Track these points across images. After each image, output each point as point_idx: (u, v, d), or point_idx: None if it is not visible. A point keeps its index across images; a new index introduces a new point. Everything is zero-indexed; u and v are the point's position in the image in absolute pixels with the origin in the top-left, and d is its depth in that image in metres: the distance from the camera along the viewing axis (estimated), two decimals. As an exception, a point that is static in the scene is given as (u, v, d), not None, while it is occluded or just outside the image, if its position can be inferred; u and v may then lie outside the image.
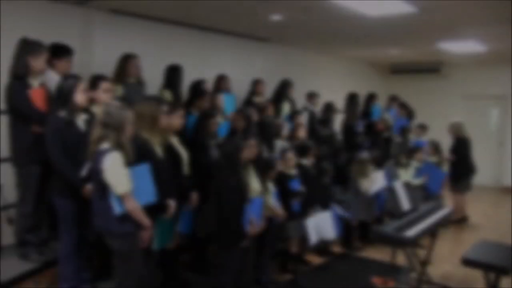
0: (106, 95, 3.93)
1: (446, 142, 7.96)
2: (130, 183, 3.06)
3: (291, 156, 5.02)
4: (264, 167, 4.48)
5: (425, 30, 6.92)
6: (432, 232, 4.80)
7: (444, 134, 8.14)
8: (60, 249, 3.61)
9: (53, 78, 4.06)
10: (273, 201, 4.59)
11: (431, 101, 11.50)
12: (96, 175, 3.07)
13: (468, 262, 3.97)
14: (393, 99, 8.66)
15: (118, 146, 3.03)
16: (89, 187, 3.36)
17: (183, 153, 4.18)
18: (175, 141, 4.12)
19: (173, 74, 5.61)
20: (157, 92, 5.53)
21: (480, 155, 9.42)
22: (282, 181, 4.84)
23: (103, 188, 3.05)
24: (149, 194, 3.27)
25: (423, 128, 8.09)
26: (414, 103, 8.90)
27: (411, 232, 4.14)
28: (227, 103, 5.87)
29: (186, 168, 4.21)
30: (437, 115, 10.48)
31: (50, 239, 4.04)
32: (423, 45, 8.50)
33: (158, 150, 3.60)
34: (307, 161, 5.55)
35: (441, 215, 4.81)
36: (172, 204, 3.66)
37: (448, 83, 11.55)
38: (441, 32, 7.07)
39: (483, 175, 10.07)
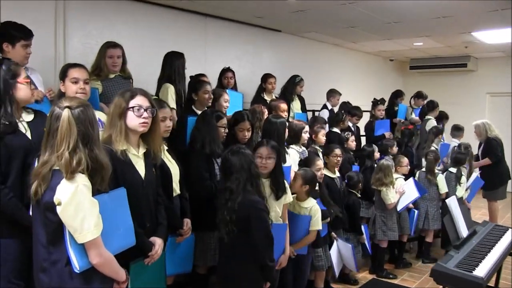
0: (75, 86, 2.98)
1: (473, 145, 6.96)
2: (101, 223, 2.02)
3: (320, 165, 4.01)
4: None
5: (462, 15, 5.98)
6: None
7: (469, 135, 7.22)
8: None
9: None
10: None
11: (454, 99, 10.41)
12: (44, 211, 1.99)
13: None
14: (419, 96, 7.63)
15: (77, 165, 1.97)
16: None
17: (174, 168, 3.15)
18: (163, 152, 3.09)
19: (172, 64, 4.54)
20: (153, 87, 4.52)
21: (508, 158, 8.46)
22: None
23: (55, 231, 1.99)
24: (127, 234, 2.20)
25: (459, 130, 7.05)
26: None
27: (481, 270, 3.11)
28: (232, 102, 4.81)
29: (177, 186, 3.21)
30: (460, 115, 9.39)
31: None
32: (454, 35, 7.51)
33: (140, 166, 2.55)
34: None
35: (508, 242, 3.77)
36: (158, 243, 2.61)
37: (474, 79, 10.52)
38: (481, 17, 6.08)
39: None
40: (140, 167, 2.55)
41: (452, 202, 3.76)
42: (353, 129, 6.33)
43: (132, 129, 2.50)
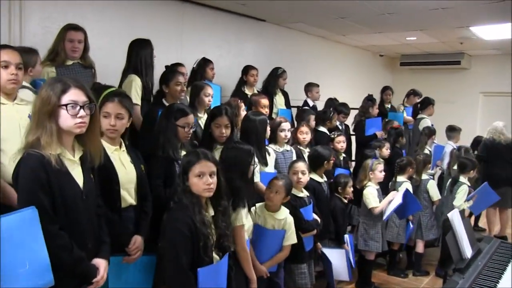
0: (5, 71, 2.51)
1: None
2: None
3: (302, 167, 3.53)
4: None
5: (462, 7, 5.53)
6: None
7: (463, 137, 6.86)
8: None
9: None
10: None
11: (446, 98, 9.95)
12: None
13: None
14: (415, 94, 7.17)
15: None
16: None
17: (127, 173, 2.62)
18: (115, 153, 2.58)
19: (138, 53, 3.95)
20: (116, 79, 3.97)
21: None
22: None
23: None
24: (39, 271, 1.67)
25: (454, 130, 6.61)
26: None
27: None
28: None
29: (132, 195, 2.67)
30: (452, 114, 8.99)
31: None
32: (451, 29, 7.02)
33: (77, 174, 2.07)
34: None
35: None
36: (103, 266, 2.16)
37: (467, 78, 10.08)
38: (482, 9, 5.60)
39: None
40: (77, 174, 2.08)
41: (455, 217, 3.26)
42: (340, 127, 5.85)
43: (66, 131, 2.01)
